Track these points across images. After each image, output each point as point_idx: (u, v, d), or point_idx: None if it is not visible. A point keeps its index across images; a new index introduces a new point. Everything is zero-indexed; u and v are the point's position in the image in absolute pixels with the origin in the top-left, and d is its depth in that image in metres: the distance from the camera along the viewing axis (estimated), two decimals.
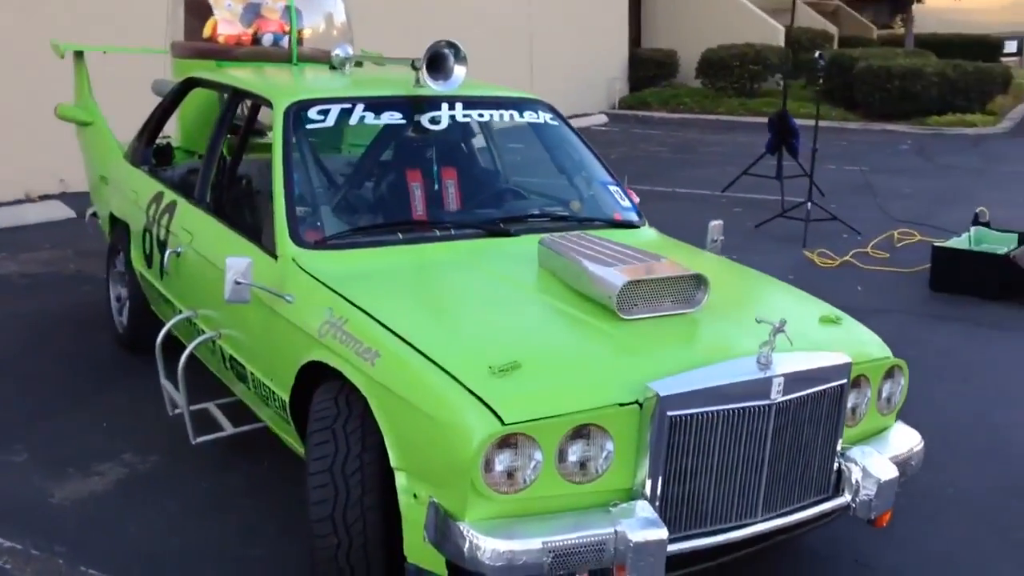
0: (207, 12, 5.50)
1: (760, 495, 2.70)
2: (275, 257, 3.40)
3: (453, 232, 3.57)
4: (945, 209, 9.21)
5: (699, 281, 2.94)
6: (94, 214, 5.84)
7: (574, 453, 2.49)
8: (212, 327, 3.83)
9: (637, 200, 4.15)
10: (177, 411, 4.07)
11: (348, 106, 3.85)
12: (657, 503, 2.54)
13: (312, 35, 5.46)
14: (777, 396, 2.62)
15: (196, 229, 4.04)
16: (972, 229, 6.78)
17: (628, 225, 3.89)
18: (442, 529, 2.47)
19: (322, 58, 5.36)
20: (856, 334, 3.13)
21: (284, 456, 3.88)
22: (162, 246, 4.34)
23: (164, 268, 4.33)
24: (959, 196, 9.90)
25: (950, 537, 3.51)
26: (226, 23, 5.41)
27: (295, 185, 3.57)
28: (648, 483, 2.53)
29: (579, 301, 2.97)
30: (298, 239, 3.40)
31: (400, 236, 3.50)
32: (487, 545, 2.38)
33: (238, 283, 3.17)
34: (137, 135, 5.15)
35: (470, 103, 4.04)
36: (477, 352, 2.65)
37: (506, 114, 4.10)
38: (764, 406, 2.62)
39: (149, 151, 5.07)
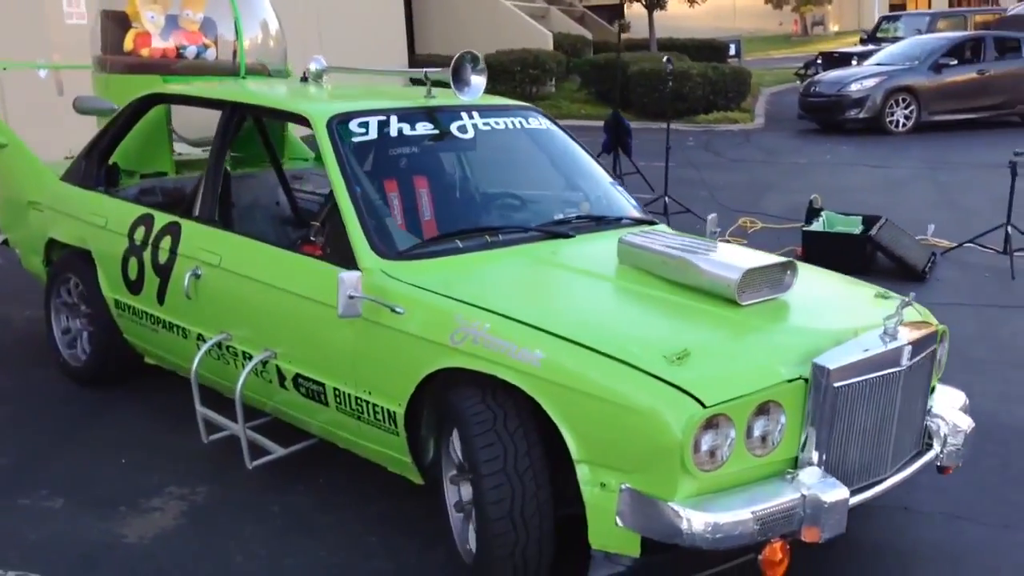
0: (127, 25, 5.30)
1: (890, 453, 3.09)
2: (357, 271, 3.43)
3: (520, 236, 3.73)
4: (762, 197, 10.13)
5: (790, 267, 3.29)
6: (4, 241, 5.46)
7: (758, 428, 2.76)
8: (259, 348, 3.78)
9: None
10: (213, 438, 4.00)
11: (383, 118, 3.92)
12: (821, 468, 2.86)
13: (251, 46, 5.36)
14: (906, 362, 3.01)
15: (224, 250, 3.95)
16: (823, 214, 7.57)
17: (648, 222, 4.18)
18: (646, 511, 2.68)
19: (260, 70, 5.31)
20: (915, 308, 3.59)
21: (339, 472, 3.93)
22: (163, 270, 4.19)
23: (166, 293, 4.19)
24: (765, 186, 10.89)
25: None
26: (155, 36, 5.23)
27: (361, 198, 3.61)
28: (814, 450, 2.85)
29: (685, 292, 3.22)
30: (379, 251, 3.45)
31: (476, 242, 3.62)
32: (702, 520, 2.61)
33: (351, 297, 3.21)
34: (83, 155, 4.87)
35: (483, 112, 4.19)
36: (642, 343, 2.86)
37: (513, 121, 4.29)
38: (897, 372, 3.00)
39: (102, 172, 4.83)
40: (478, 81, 4.07)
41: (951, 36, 16.45)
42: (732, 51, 27.28)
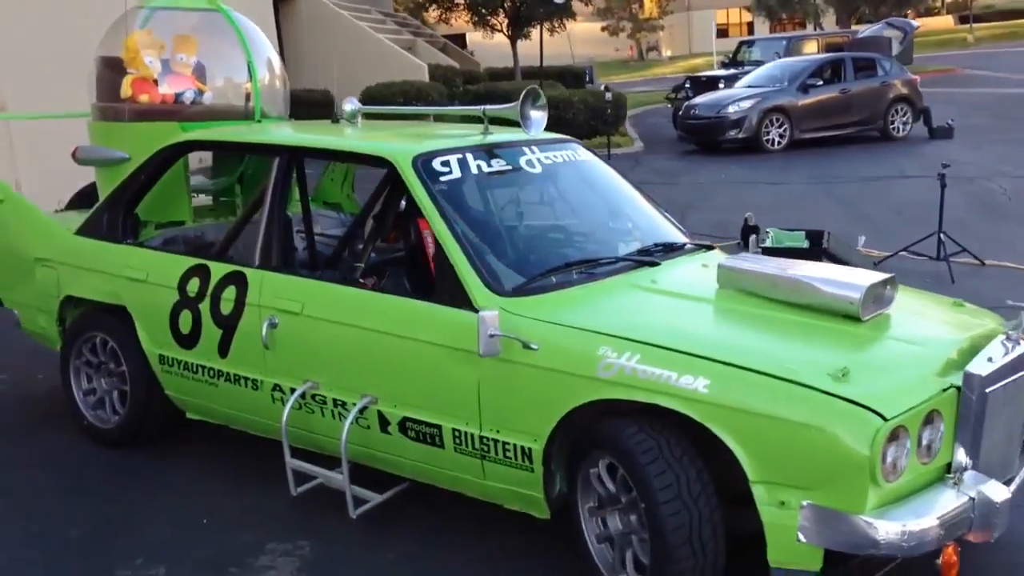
0: (123, 70, 5.13)
1: (1017, 451, 3.33)
2: (474, 310, 3.46)
3: (612, 266, 3.82)
4: (685, 218, 10.49)
5: (891, 282, 3.51)
6: None
7: (926, 437, 2.94)
8: (355, 394, 3.74)
9: None
10: (301, 490, 3.93)
11: (461, 156, 3.96)
12: (974, 471, 3.06)
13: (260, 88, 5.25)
14: None
15: (306, 297, 3.89)
16: (770, 231, 7.94)
17: (706, 247, 4.34)
18: (833, 525, 2.81)
19: (266, 114, 5.20)
20: (982, 311, 3.87)
21: (438, 512, 3.91)
22: (227, 322, 4.10)
23: (231, 344, 4.10)
24: (681, 206, 11.27)
25: None
26: (183, 81, 5.07)
27: (465, 238, 3.64)
28: (965, 454, 3.04)
29: (800, 311, 3.39)
30: (494, 289, 3.49)
31: (578, 274, 3.70)
32: (896, 528, 2.77)
33: (492, 335, 3.25)
34: (105, 207, 4.69)
35: (540, 147, 4.28)
36: (802, 363, 3.01)
37: (565, 154, 4.39)
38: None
39: (128, 224, 4.66)
40: (540, 116, 4.17)
41: (815, 58, 17.48)
42: (588, 77, 28.08)
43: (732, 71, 19.93)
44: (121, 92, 5.06)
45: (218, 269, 4.19)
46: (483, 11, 24.42)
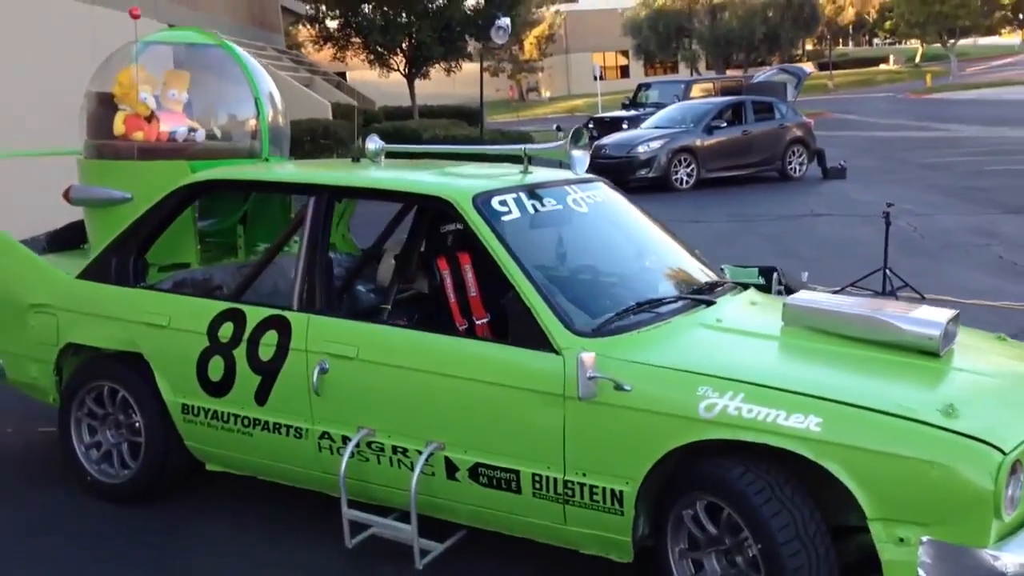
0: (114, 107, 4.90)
1: None
2: (555, 352, 3.41)
3: (675, 306, 3.82)
4: None
5: (955, 318, 3.61)
6: None
7: None
8: (418, 441, 3.63)
9: None
10: (355, 542, 3.78)
11: (515, 195, 3.92)
12: None
13: (257, 128, 5.08)
14: None
15: (361, 340, 3.76)
16: (725, 268, 8.09)
17: (743, 285, 4.38)
18: (956, 560, 2.84)
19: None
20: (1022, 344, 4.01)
21: (497, 557, 3.80)
22: (267, 368, 3.93)
23: (271, 392, 3.93)
24: None
25: None
26: (174, 117, 4.86)
27: (538, 278, 3.59)
28: None
29: (875, 347, 3.45)
30: (574, 330, 3.45)
31: (650, 314, 3.68)
32: (1018, 561, 2.81)
33: (591, 378, 3.21)
34: (112, 250, 4.44)
35: (579, 186, 4.28)
36: (912, 399, 3.05)
37: (599, 193, 4.40)
38: None
39: (139, 267, 4.43)
40: (583, 156, 4.17)
41: (717, 101, 18.04)
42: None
43: (633, 112, 20.40)
44: (114, 129, 4.85)
45: (255, 313, 4.02)
46: (380, 50, 24.32)
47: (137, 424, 4.34)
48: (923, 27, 48.47)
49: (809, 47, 54.77)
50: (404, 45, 24.04)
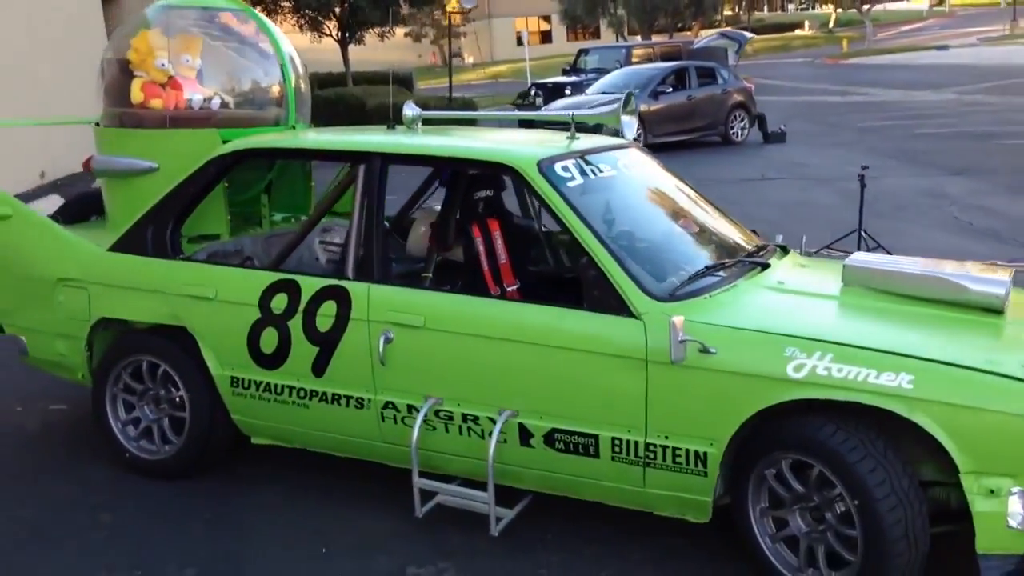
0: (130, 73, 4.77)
1: None
2: (634, 317, 3.45)
3: (736, 270, 3.87)
4: None
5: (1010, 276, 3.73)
6: None
7: None
8: (490, 408, 3.64)
9: None
10: (426, 509, 3.79)
11: (573, 160, 3.93)
12: None
13: (280, 94, 4.97)
14: None
15: (427, 309, 3.75)
16: None
17: (782, 247, 4.45)
18: None
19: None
20: None
21: (568, 521, 3.86)
22: (325, 339, 3.89)
23: (330, 362, 3.89)
24: None
25: None
26: (188, 84, 4.74)
27: (612, 243, 3.61)
28: None
29: (935, 306, 3.55)
30: (651, 295, 3.48)
31: (716, 278, 3.73)
32: None
33: (682, 341, 3.25)
34: (147, 221, 4.32)
35: (621, 151, 4.32)
36: (995, 355, 3.15)
37: (638, 157, 4.44)
38: None
39: (177, 239, 4.33)
40: (632, 120, 4.19)
41: (662, 67, 18.14)
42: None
43: (575, 78, 20.42)
44: (131, 97, 4.72)
45: (310, 283, 3.97)
46: (312, 14, 23.82)
47: (179, 399, 4.26)
48: None
49: (728, 12, 55.28)
50: (338, 9, 23.57)
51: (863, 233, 8.46)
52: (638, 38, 42.11)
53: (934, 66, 37.34)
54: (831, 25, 63.63)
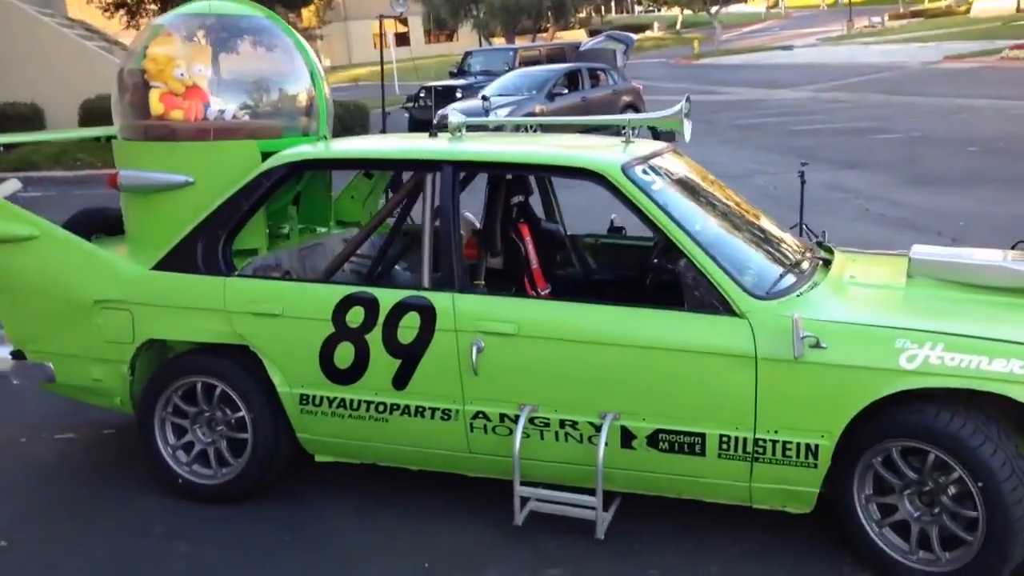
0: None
1: None
2: (735, 315, 3.54)
3: (811, 265, 4.01)
4: None
5: None
6: (18, 355, 4.40)
7: None
8: (590, 412, 3.67)
9: None
10: (525, 513, 3.78)
11: (648, 165, 4.00)
12: None
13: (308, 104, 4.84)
14: None
15: (520, 316, 3.74)
16: None
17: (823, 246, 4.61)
18: None
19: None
20: None
21: (659, 520, 3.91)
22: (408, 351, 3.84)
23: (413, 375, 3.84)
24: None
25: None
26: (202, 95, 4.56)
27: (707, 244, 3.69)
28: None
29: (999, 293, 3.76)
30: (753, 294, 3.58)
31: (799, 274, 3.85)
32: None
33: (804, 337, 3.36)
34: (195, 237, 4.15)
35: (673, 155, 4.43)
36: None
37: (684, 160, 4.54)
38: None
39: (229, 255, 4.17)
40: (690, 123, 4.28)
41: (556, 68, 18.36)
42: None
43: (464, 81, 20.44)
44: (151, 109, 4.52)
45: (389, 296, 3.90)
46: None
47: (237, 419, 4.13)
48: None
49: (581, 15, 56.26)
50: None
51: (804, 227, 8.81)
52: (502, 41, 42.42)
53: (784, 65, 39.04)
54: (678, 27, 65.65)
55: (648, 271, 4.63)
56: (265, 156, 4.31)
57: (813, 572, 3.59)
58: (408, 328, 3.85)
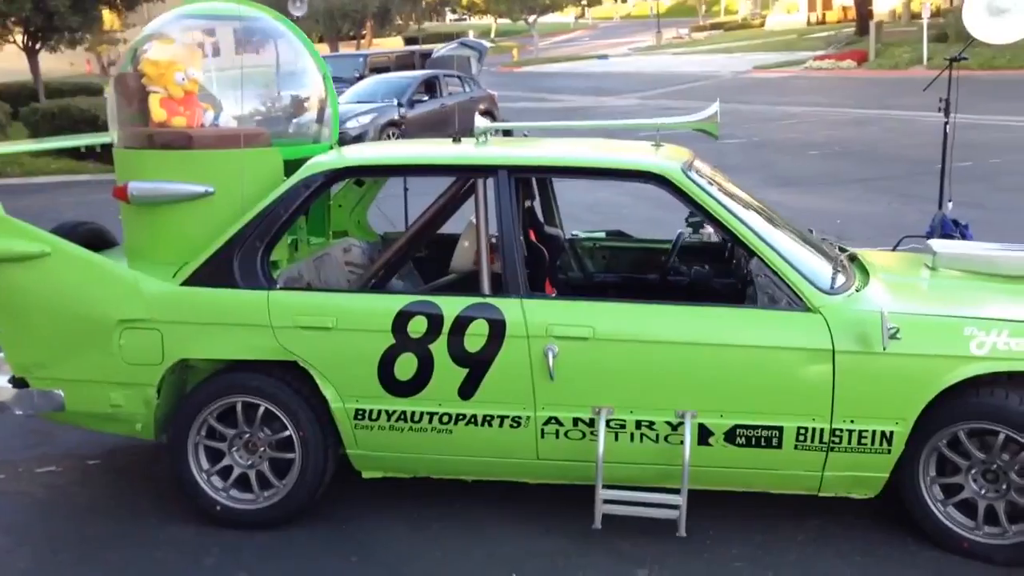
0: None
1: None
2: (809, 310, 3.67)
3: (846, 261, 4.18)
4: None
5: None
6: (18, 382, 4.04)
7: None
8: (667, 412, 3.71)
9: None
10: (599, 520, 3.77)
11: (697, 169, 4.08)
12: None
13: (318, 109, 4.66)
14: None
15: (595, 319, 3.73)
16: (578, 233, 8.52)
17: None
18: None
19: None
20: None
21: (734, 514, 4.00)
22: (476, 359, 3.78)
23: (481, 383, 3.78)
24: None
25: None
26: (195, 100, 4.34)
27: (775, 242, 3.80)
28: None
29: (1017, 282, 4.08)
30: (823, 289, 3.72)
31: (845, 267, 4.01)
32: None
33: (891, 329, 3.52)
34: (232, 250, 3.92)
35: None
36: None
37: (705, 164, 4.64)
38: None
39: (267, 268, 3.96)
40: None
41: (415, 75, 18.28)
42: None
43: None
44: (152, 115, 4.27)
45: (452, 303, 3.81)
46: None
47: (280, 439, 3.94)
48: (509, 4, 51.77)
49: (398, 22, 56.11)
50: (29, 14, 21.29)
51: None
52: (324, 48, 41.76)
53: (603, 74, 40.25)
54: (492, 35, 66.46)
55: (666, 271, 4.73)
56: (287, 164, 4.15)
57: (883, 553, 3.75)
58: (476, 336, 3.77)
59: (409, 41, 60.14)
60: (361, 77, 19.52)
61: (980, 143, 14.58)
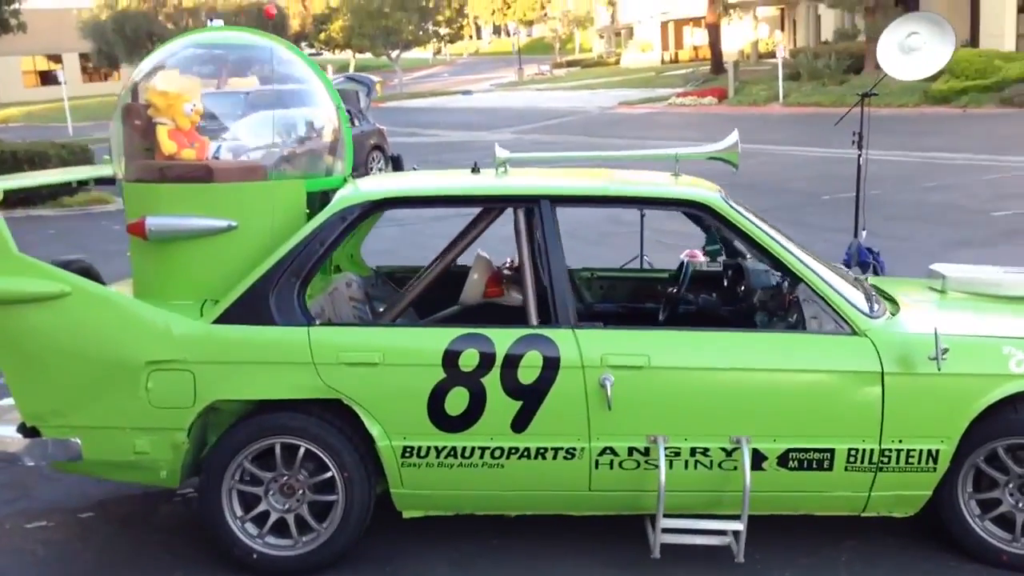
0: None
1: None
2: (856, 334, 3.77)
3: (869, 285, 4.31)
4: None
5: None
6: (28, 430, 3.75)
7: None
8: (721, 438, 3.74)
9: None
10: (656, 548, 3.75)
11: (728, 198, 4.14)
12: None
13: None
14: None
15: (649, 348, 3.73)
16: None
17: None
18: None
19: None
20: None
21: (779, 534, 4.04)
22: (531, 392, 3.72)
23: (535, 416, 3.72)
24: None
25: None
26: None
27: (819, 267, 3.90)
28: None
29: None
30: (867, 314, 3.84)
31: (871, 292, 4.15)
32: None
33: (944, 350, 3.65)
34: (268, 285, 3.75)
35: None
36: None
37: None
38: None
39: (304, 303, 3.80)
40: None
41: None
42: None
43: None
44: (162, 147, 4.09)
45: (504, 335, 3.74)
46: None
47: (320, 481, 3.79)
48: (372, 39, 51.64)
49: None
50: None
51: (644, 256, 9.27)
52: None
53: (470, 109, 40.48)
54: (351, 70, 66.12)
55: (675, 300, 4.77)
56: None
57: (927, 569, 3.87)
58: (529, 368, 3.71)
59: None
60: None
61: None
